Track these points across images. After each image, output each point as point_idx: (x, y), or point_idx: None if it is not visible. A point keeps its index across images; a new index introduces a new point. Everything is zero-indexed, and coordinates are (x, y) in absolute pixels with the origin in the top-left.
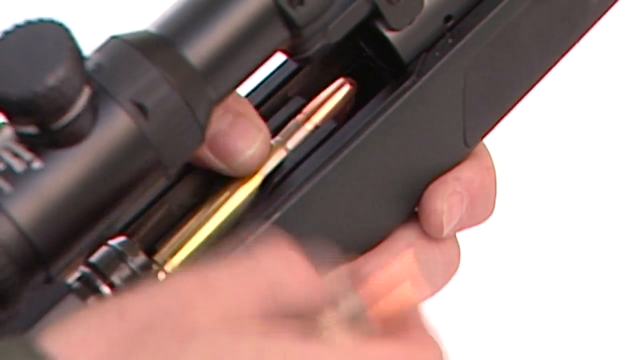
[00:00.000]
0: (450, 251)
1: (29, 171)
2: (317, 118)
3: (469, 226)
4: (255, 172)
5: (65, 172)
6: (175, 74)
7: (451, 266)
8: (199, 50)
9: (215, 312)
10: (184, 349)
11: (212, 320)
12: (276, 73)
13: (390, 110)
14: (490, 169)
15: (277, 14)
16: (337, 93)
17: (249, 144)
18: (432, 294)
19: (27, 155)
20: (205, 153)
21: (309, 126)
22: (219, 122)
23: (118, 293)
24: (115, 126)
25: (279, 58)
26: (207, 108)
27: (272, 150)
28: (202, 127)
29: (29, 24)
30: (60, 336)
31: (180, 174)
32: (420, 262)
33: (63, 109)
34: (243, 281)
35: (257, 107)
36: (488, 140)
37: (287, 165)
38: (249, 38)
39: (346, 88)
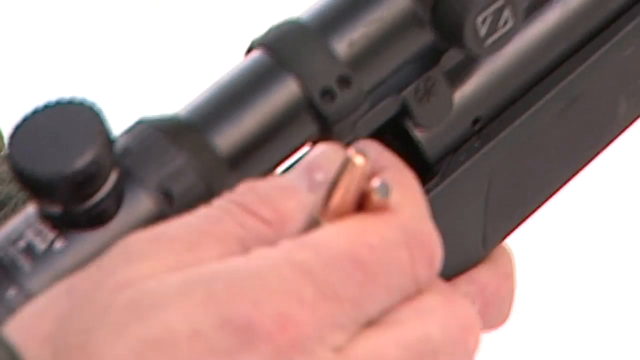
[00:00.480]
0: None
1: (50, 251)
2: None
3: (483, 331)
4: None
5: (86, 254)
6: (201, 162)
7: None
8: (227, 139)
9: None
10: (113, 300)
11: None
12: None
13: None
14: (509, 276)
15: (308, 109)
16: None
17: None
18: None
19: (51, 234)
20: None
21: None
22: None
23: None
24: (140, 211)
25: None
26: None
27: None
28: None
29: (60, 104)
30: (12, 322)
31: None
32: None
33: (89, 192)
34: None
35: None
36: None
37: None
38: (277, 131)
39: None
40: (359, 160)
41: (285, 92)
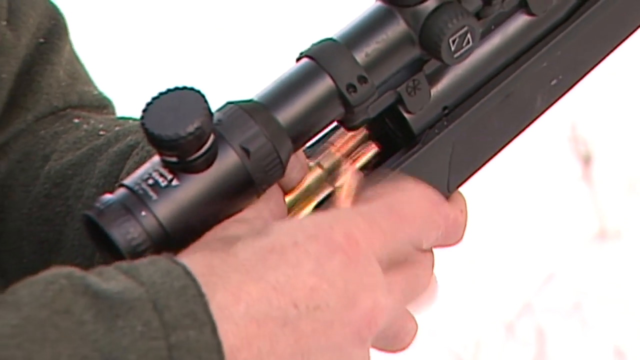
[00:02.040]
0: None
1: (169, 186)
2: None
3: (442, 247)
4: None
5: (194, 189)
6: (269, 130)
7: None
8: (285, 115)
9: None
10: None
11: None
12: (335, 132)
13: (402, 165)
14: (464, 210)
15: (338, 97)
16: (368, 152)
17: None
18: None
19: (169, 175)
20: None
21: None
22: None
23: None
24: (229, 162)
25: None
26: (288, 154)
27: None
28: (284, 166)
29: (177, 89)
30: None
31: None
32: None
33: (196, 147)
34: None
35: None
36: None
37: None
38: (317, 110)
39: (374, 150)
40: None
41: (323, 85)
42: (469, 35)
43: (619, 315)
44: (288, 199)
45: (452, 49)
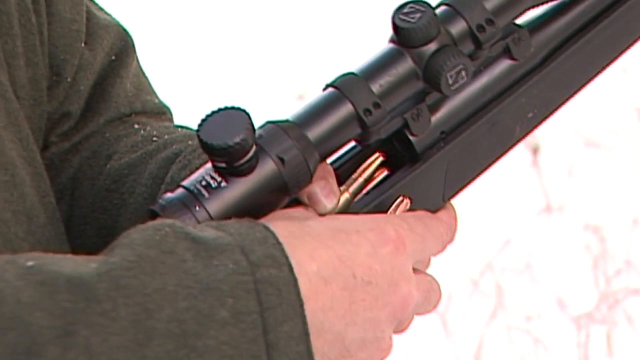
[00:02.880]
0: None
1: (219, 187)
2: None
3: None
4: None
5: (239, 189)
6: (300, 144)
7: None
8: (314, 133)
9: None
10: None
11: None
12: (351, 151)
13: (405, 180)
14: (455, 218)
15: (357, 120)
16: (374, 164)
17: (330, 203)
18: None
19: (219, 178)
20: (304, 198)
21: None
22: (317, 183)
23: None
24: (268, 168)
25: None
26: (315, 164)
27: (341, 194)
28: (311, 174)
29: (226, 108)
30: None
31: None
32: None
33: (241, 155)
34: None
35: (337, 168)
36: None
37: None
38: (340, 129)
39: (380, 160)
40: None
41: (345, 110)
42: (463, 72)
43: (561, 272)
44: None
45: (450, 82)
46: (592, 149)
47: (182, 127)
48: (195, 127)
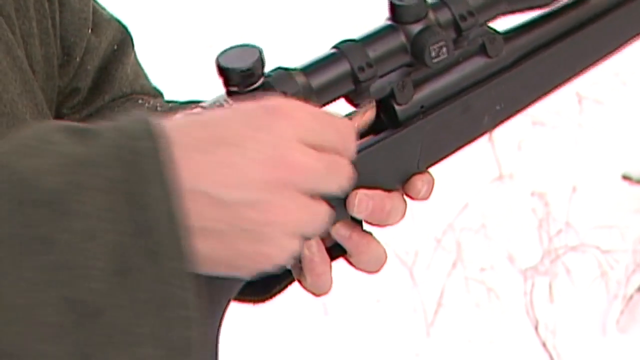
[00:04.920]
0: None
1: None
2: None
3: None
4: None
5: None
6: (303, 86)
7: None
8: (315, 81)
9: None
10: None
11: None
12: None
13: (386, 140)
14: (430, 181)
15: (351, 74)
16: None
17: None
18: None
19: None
20: None
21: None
22: None
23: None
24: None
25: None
26: (312, 100)
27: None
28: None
29: (243, 45)
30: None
31: None
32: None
33: (250, 82)
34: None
35: None
36: None
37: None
38: (337, 81)
39: (374, 110)
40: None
41: (343, 66)
42: (444, 48)
43: (511, 232)
44: None
45: (432, 55)
46: (538, 127)
47: (175, 102)
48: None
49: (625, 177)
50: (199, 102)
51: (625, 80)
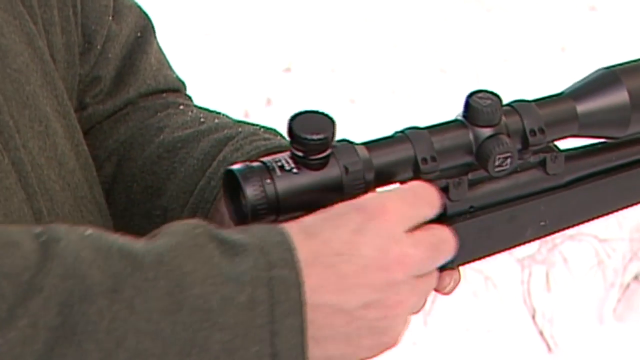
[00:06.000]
0: None
1: (291, 171)
2: None
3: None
4: None
5: (306, 179)
6: (364, 164)
7: None
8: (377, 160)
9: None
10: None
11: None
12: None
13: None
14: (456, 279)
15: (413, 164)
16: None
17: None
18: None
19: (293, 165)
20: None
21: None
22: None
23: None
24: (334, 171)
25: None
26: (370, 182)
27: None
28: (366, 191)
29: (318, 112)
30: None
31: None
32: None
33: (318, 151)
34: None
35: None
36: None
37: None
38: (397, 166)
39: None
40: None
41: (407, 152)
42: (509, 159)
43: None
44: None
45: (496, 164)
46: None
47: (218, 112)
48: (195, 101)
49: None
50: (225, 115)
51: None
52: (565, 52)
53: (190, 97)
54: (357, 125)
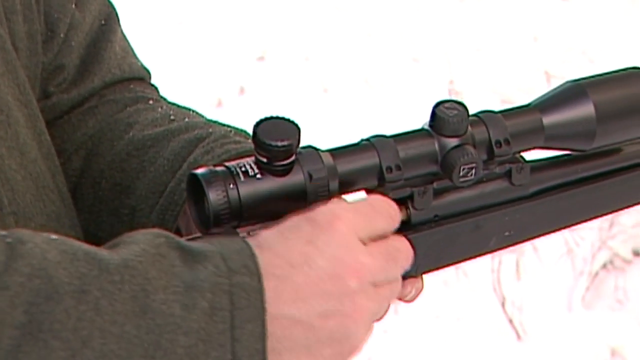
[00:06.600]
0: None
1: (254, 177)
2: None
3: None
4: None
5: (268, 185)
6: (329, 170)
7: None
8: (341, 167)
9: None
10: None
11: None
12: None
13: None
14: (418, 287)
15: (378, 172)
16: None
17: None
18: None
19: (257, 170)
20: None
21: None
22: None
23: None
24: (297, 178)
25: None
26: (334, 189)
27: None
28: (329, 197)
29: (283, 118)
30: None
31: None
32: None
33: (282, 158)
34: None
35: None
36: None
37: None
38: (361, 174)
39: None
40: None
41: (372, 160)
42: (473, 170)
43: None
44: None
45: (460, 174)
46: (506, 104)
47: (187, 109)
48: (163, 93)
49: None
50: (193, 111)
51: (593, 58)
52: (537, 41)
53: (155, 87)
54: (330, 114)
